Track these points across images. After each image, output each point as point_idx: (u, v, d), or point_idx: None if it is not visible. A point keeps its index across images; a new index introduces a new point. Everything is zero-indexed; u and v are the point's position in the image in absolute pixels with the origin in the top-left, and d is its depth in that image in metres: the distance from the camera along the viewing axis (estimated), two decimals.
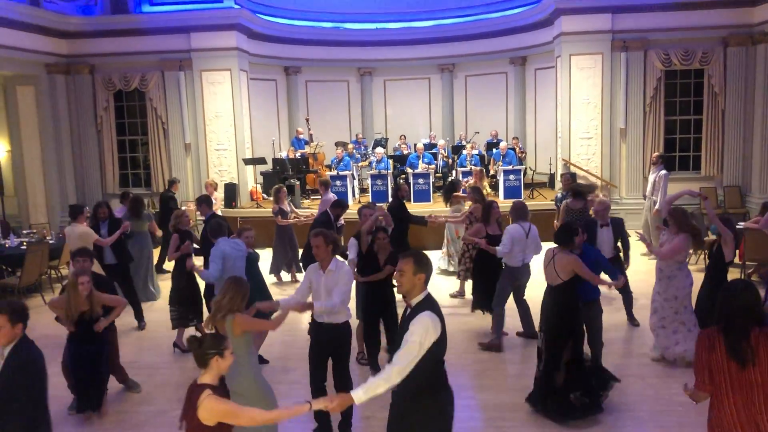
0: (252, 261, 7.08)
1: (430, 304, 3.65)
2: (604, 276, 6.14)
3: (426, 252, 4.11)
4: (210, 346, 3.46)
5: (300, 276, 10.69)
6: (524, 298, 7.77)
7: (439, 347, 3.62)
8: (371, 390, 3.46)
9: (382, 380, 3.50)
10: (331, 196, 10.49)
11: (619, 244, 7.99)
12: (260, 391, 4.43)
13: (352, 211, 9.72)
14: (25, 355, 3.70)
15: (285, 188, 11.21)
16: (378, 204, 9.34)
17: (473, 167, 13.26)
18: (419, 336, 3.51)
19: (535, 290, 8.51)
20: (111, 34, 14.62)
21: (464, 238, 8.67)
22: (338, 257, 5.50)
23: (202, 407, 3.27)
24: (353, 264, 6.82)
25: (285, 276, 11.03)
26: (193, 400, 3.32)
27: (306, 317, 6.45)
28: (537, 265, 7.11)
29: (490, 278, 7.79)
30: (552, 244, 5.96)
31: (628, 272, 7.70)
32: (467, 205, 10.26)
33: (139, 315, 8.75)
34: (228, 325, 4.42)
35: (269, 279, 10.15)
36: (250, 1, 15.36)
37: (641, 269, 10.36)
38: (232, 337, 4.31)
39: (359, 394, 3.45)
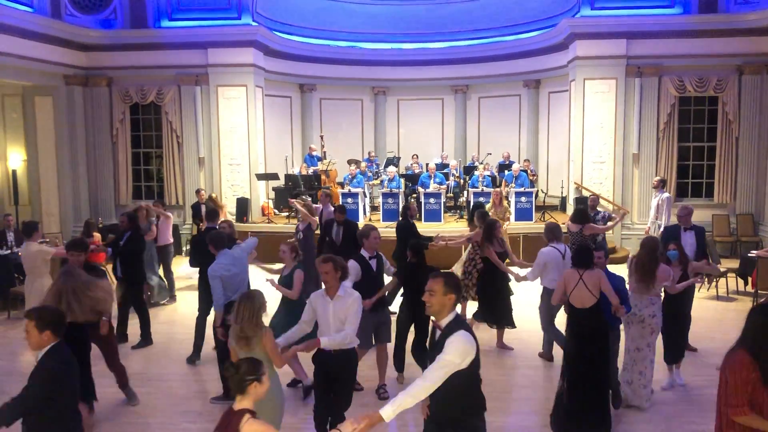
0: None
1: (460, 324, 3.61)
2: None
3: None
4: (247, 371, 3.43)
5: None
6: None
7: (476, 367, 3.60)
8: (399, 406, 3.40)
9: (409, 396, 3.42)
10: (332, 209, 10.40)
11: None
12: (275, 400, 4.37)
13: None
14: (52, 362, 3.79)
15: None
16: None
17: (492, 189, 13.23)
18: (452, 355, 3.47)
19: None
20: (129, 47, 14.82)
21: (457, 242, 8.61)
22: (345, 282, 5.23)
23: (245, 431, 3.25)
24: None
25: None
26: (233, 426, 3.28)
27: None
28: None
29: (496, 294, 7.81)
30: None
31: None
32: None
33: (146, 332, 8.52)
34: (257, 339, 4.42)
35: None
36: (267, 19, 15.54)
37: None
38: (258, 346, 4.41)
39: (388, 412, 3.35)
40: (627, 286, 6.25)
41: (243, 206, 14.37)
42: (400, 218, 10.36)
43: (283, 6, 16.07)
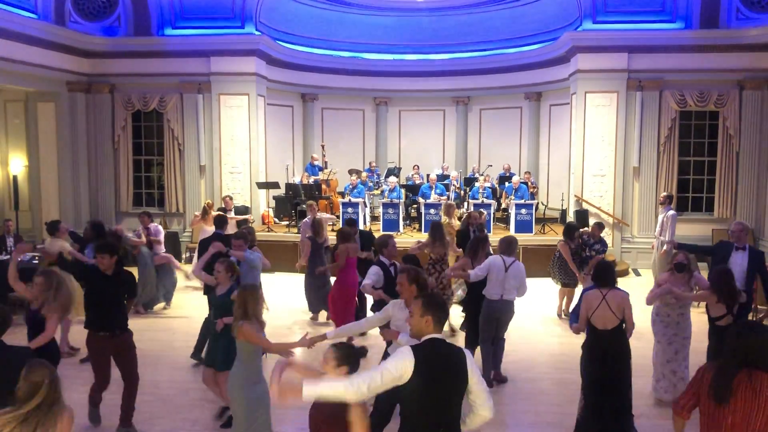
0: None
1: (424, 347, 3.43)
2: None
3: None
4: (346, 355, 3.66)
5: None
6: (503, 338, 7.45)
7: (426, 392, 3.36)
8: (320, 393, 3.26)
9: (331, 389, 3.27)
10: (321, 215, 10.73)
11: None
12: (244, 400, 4.92)
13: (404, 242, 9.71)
14: None
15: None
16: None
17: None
18: (388, 362, 3.37)
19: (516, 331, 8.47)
20: (133, 55, 14.88)
21: (447, 273, 8.23)
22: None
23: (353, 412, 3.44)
24: (367, 288, 6.51)
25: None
26: (331, 412, 3.50)
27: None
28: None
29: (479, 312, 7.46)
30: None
31: None
32: None
33: None
34: (234, 329, 4.89)
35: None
36: (270, 28, 15.60)
37: None
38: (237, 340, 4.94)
39: (308, 392, 3.23)
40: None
41: (243, 214, 14.35)
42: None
43: (286, 15, 16.14)
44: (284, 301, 11.03)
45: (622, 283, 7.15)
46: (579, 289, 8.82)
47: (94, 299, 5.85)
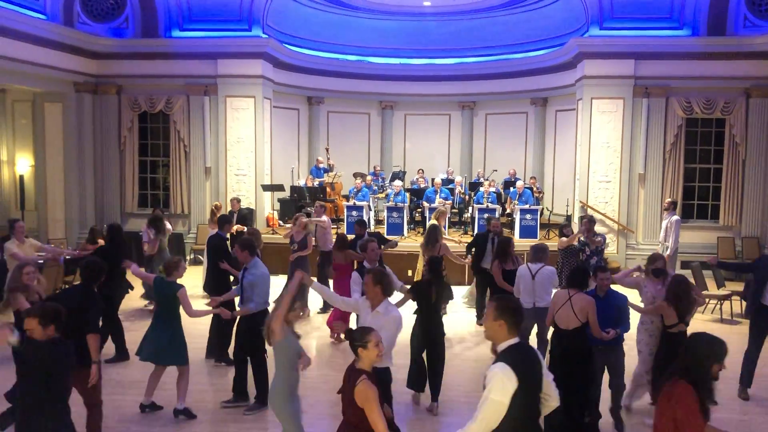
0: None
1: (511, 354, 3.47)
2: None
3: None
4: (353, 338, 3.92)
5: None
6: (547, 341, 7.52)
7: (524, 400, 3.41)
8: None
9: None
10: (324, 218, 10.69)
11: None
12: (287, 404, 4.79)
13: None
14: (53, 353, 4.14)
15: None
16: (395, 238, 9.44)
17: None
18: (492, 392, 3.36)
19: None
20: (140, 56, 14.94)
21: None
22: (389, 300, 5.27)
23: (357, 389, 3.72)
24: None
25: None
26: (352, 381, 3.79)
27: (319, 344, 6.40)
28: None
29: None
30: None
31: None
32: None
33: (120, 346, 8.20)
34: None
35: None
36: (277, 31, 15.65)
37: None
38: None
39: None
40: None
41: (248, 217, 14.38)
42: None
43: (292, 19, 16.19)
44: None
45: (626, 289, 7.14)
46: None
47: None
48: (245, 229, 11.07)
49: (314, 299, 10.44)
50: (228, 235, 9.22)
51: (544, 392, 3.60)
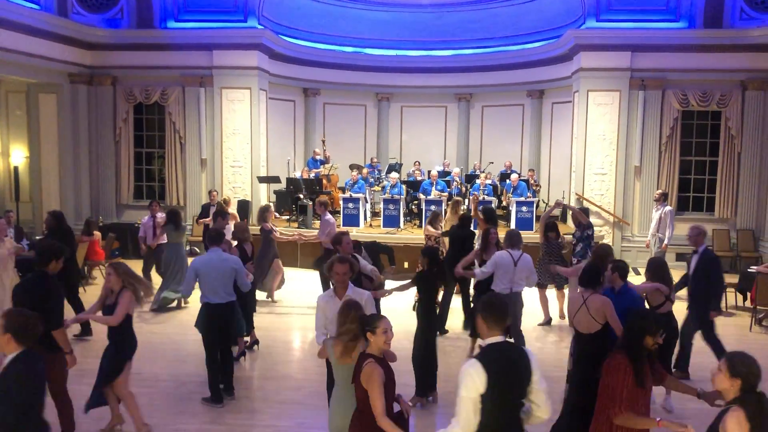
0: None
1: (487, 352, 3.45)
2: None
3: None
4: (364, 323, 4.02)
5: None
6: (520, 330, 7.69)
7: (496, 401, 3.35)
8: None
9: None
10: (329, 217, 10.38)
11: None
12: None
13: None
14: (22, 368, 3.59)
15: (271, 208, 11.20)
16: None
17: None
18: (462, 389, 3.37)
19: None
20: (135, 47, 14.85)
21: (456, 270, 8.13)
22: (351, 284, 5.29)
23: (363, 371, 3.83)
24: None
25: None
26: (359, 364, 3.92)
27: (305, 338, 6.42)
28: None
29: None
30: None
31: None
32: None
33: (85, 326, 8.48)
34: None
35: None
36: (273, 22, 15.57)
37: None
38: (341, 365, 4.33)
39: None
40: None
41: (244, 209, 14.35)
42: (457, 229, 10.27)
43: (288, 10, 16.11)
44: (285, 294, 11.07)
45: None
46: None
47: None
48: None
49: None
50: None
51: (532, 400, 3.49)
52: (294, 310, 10.49)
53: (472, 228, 9.82)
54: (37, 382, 3.69)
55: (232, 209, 12.29)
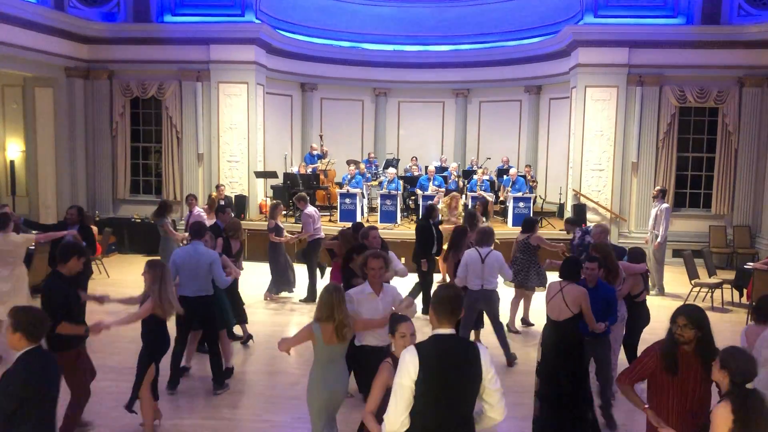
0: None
1: (426, 343, 3.36)
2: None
3: None
4: (390, 324, 4.06)
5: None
6: (500, 322, 7.79)
7: (429, 393, 3.24)
8: None
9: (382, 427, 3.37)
10: (310, 209, 10.64)
11: None
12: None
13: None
14: (27, 366, 3.59)
15: (282, 205, 11.28)
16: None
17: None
18: (397, 375, 3.30)
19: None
20: (132, 41, 14.79)
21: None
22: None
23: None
24: None
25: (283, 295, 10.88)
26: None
27: None
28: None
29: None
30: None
31: None
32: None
33: None
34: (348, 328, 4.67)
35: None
36: (270, 17, 15.53)
37: None
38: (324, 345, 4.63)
39: None
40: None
41: (241, 204, 14.35)
42: (421, 219, 10.35)
43: (286, 4, 16.06)
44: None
45: None
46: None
47: None
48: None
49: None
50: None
51: (485, 399, 3.36)
52: (287, 304, 10.48)
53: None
54: (44, 380, 3.65)
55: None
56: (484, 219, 11.38)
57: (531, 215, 13.69)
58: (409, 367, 3.22)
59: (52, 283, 5.38)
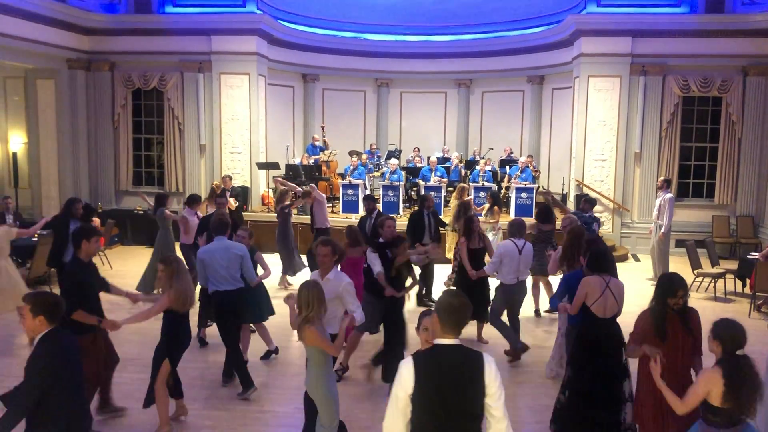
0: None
1: (426, 353, 3.20)
2: None
3: None
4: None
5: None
6: (518, 316, 7.76)
7: (425, 406, 3.09)
8: None
9: None
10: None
11: None
12: (328, 399, 4.67)
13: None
14: (49, 347, 3.73)
15: (289, 193, 11.46)
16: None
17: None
18: (393, 385, 3.17)
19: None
20: (133, 32, 14.75)
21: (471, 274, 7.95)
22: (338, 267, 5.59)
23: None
24: (381, 277, 6.51)
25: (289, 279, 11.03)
26: None
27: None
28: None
29: (472, 288, 7.60)
30: None
31: None
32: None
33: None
34: (303, 333, 4.66)
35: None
36: (272, 7, 15.47)
37: None
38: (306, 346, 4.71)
39: None
40: None
41: (243, 195, 14.35)
42: (416, 209, 10.37)
43: None
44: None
45: (620, 268, 7.17)
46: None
47: None
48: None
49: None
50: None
51: (491, 413, 3.14)
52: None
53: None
54: (68, 359, 3.79)
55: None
56: (496, 208, 11.39)
57: (534, 205, 13.72)
58: (404, 380, 3.09)
59: (69, 268, 5.62)
